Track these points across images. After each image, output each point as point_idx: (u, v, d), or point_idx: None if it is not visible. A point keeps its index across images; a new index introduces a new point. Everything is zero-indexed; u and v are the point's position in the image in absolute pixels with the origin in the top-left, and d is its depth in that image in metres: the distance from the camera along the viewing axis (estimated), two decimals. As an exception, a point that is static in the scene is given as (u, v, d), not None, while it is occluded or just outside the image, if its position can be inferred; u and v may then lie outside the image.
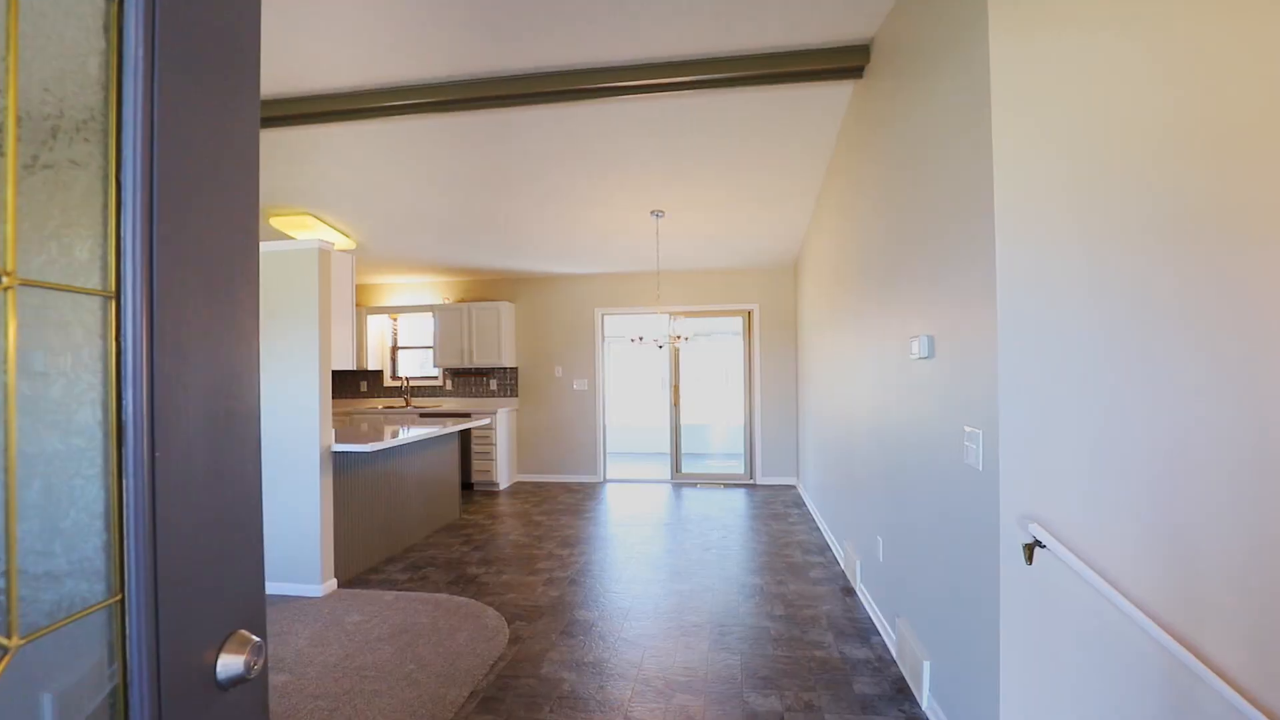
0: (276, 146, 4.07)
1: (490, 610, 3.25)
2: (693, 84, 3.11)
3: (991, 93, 1.63)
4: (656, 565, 3.99)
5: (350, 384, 7.68)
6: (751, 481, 6.81)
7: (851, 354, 3.58)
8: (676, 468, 7.02)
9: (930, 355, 2.15)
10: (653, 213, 5.00)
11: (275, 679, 2.55)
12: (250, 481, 0.74)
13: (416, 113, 3.41)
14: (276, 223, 5.33)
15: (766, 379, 6.78)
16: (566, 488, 6.69)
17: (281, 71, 3.15)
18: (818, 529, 4.83)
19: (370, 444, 3.64)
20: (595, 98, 3.24)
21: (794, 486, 6.58)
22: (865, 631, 2.93)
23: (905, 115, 2.40)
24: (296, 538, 3.51)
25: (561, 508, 5.73)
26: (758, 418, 6.79)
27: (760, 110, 3.49)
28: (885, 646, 2.76)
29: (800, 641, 2.84)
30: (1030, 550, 1.60)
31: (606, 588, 3.59)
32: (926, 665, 2.24)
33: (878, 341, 2.93)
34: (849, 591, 3.45)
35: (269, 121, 3.57)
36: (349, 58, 3.03)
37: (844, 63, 3.00)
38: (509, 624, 3.09)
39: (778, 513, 5.41)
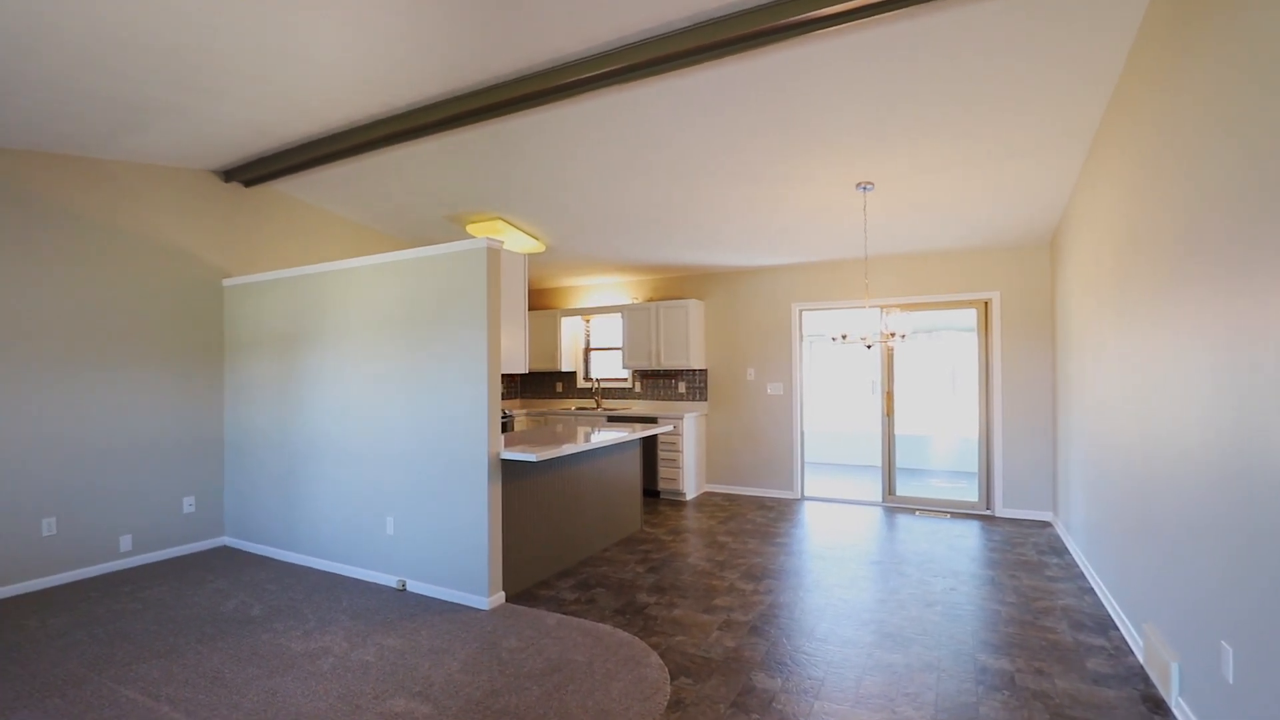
0: (459, 149, 4.08)
1: (654, 656, 2.79)
2: (910, -3, 2.32)
3: None
4: (861, 620, 3.20)
5: (547, 385, 7.90)
6: (988, 513, 5.51)
7: (1157, 350, 2.45)
8: (889, 489, 5.97)
9: (1382, 365, 1.18)
10: (859, 185, 4.16)
11: (419, 709, 2.36)
12: None
13: (592, 89, 3.06)
14: (473, 229, 5.52)
15: (1010, 383, 5.43)
16: (758, 503, 6.05)
17: (454, 61, 3.01)
18: (1091, 590, 3.59)
19: (537, 452, 3.41)
20: (790, 36, 2.58)
21: (1049, 524, 5.16)
22: (1199, 788, 1.90)
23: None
24: (465, 548, 3.41)
25: (750, 528, 5.12)
26: (998, 431, 5.47)
27: (1004, 23, 2.54)
28: (1244, 828, 1.73)
29: (1083, 787, 1.92)
30: None
31: (795, 644, 2.93)
32: None
33: (1221, 330, 1.87)
34: (1158, 706, 2.35)
35: (449, 123, 3.51)
36: (510, 38, 2.78)
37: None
38: (672, 679, 2.60)
39: (1028, 560, 4.19)
